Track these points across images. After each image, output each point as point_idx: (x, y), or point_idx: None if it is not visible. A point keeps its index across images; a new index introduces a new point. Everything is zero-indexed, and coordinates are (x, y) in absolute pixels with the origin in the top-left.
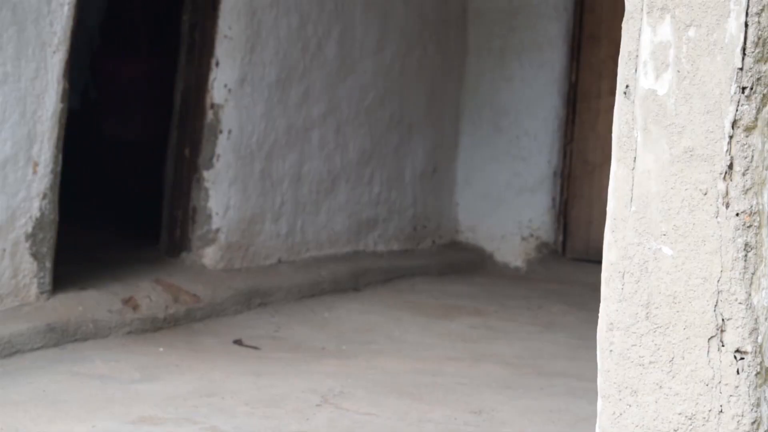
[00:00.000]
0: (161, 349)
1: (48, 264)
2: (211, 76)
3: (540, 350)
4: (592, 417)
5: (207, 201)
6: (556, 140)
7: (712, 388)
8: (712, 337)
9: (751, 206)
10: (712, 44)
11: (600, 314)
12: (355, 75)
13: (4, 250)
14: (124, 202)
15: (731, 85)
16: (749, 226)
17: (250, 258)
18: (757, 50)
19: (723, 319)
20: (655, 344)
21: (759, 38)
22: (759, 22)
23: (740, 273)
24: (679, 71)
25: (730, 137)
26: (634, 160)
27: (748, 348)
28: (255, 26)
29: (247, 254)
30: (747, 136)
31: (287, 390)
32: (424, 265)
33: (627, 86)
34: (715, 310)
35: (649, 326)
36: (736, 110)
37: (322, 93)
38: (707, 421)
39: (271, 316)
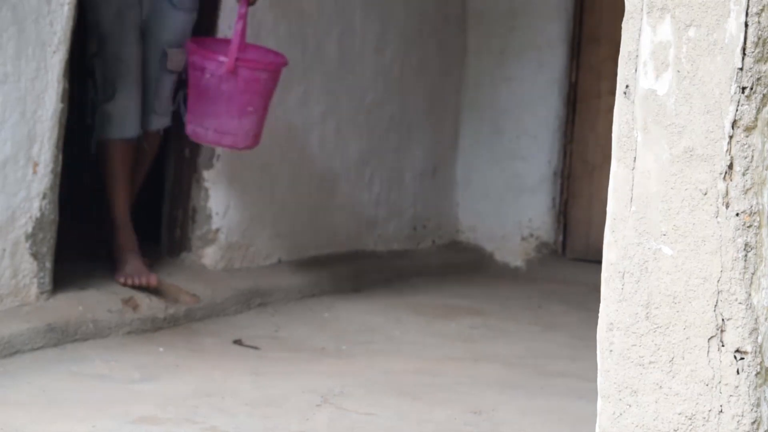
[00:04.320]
0: (161, 349)
1: (48, 264)
2: None
3: (540, 350)
4: (592, 417)
5: (207, 201)
6: (556, 140)
7: (712, 388)
8: (712, 337)
9: (751, 206)
10: (712, 44)
11: (600, 314)
12: (355, 75)
13: (4, 250)
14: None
15: (731, 85)
16: (749, 226)
17: (250, 258)
18: (757, 50)
19: (723, 319)
20: (655, 344)
21: (759, 38)
22: (759, 22)
23: (740, 273)
24: (679, 71)
25: (730, 137)
26: (634, 160)
27: (748, 348)
28: (255, 26)
29: (247, 254)
30: (747, 136)
31: (287, 390)
32: (424, 265)
33: (627, 86)
34: (715, 310)
35: (649, 326)
36: (736, 110)
37: (321, 93)
38: (707, 421)
39: (271, 316)
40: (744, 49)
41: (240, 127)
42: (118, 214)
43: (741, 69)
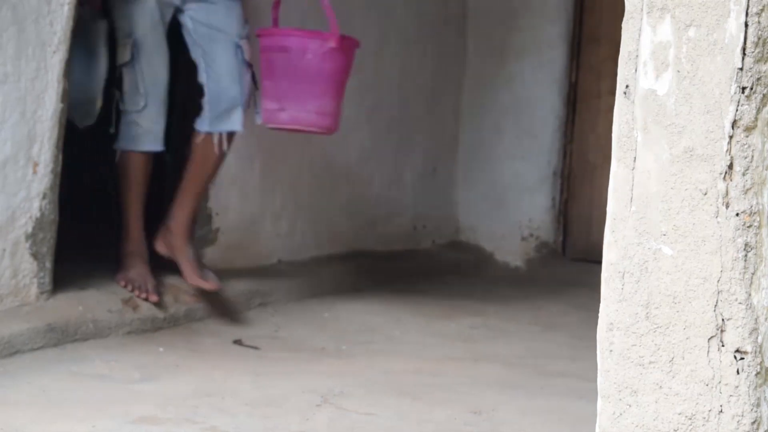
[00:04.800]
0: (161, 349)
1: (48, 264)
2: None
3: (540, 350)
4: (592, 417)
5: (207, 201)
6: (556, 140)
7: (712, 388)
8: (712, 337)
9: (751, 206)
10: (712, 44)
11: (600, 314)
12: (355, 75)
13: (4, 250)
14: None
15: (731, 85)
16: (749, 226)
17: (250, 258)
18: (757, 50)
19: (723, 319)
20: (655, 344)
21: (759, 38)
22: (759, 22)
23: (740, 273)
24: (679, 71)
25: (730, 137)
26: (634, 160)
27: (748, 348)
28: (255, 26)
29: (247, 254)
30: (747, 136)
31: (287, 390)
32: (424, 265)
33: (627, 86)
34: (715, 310)
35: (649, 326)
36: (736, 110)
37: None
38: (707, 421)
39: (271, 316)
40: (744, 49)
41: (336, 108)
42: (131, 224)
43: (741, 69)
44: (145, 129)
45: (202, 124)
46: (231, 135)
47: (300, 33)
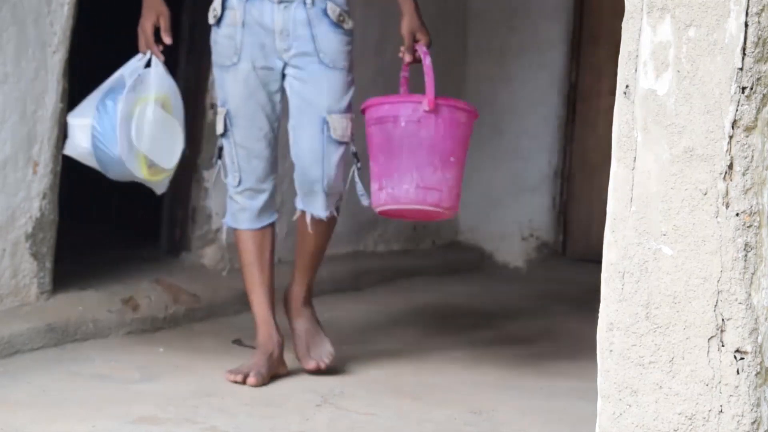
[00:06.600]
0: (161, 349)
1: (48, 264)
2: (211, 76)
3: (540, 350)
4: (592, 417)
5: (207, 201)
6: (556, 140)
7: (712, 388)
8: (712, 337)
9: (751, 206)
10: (712, 44)
11: (600, 314)
12: (355, 75)
13: (4, 250)
14: (123, 201)
15: (731, 85)
16: (749, 226)
17: None
18: (757, 50)
19: (723, 319)
20: (655, 344)
21: (759, 38)
22: (759, 22)
23: (740, 273)
24: (679, 71)
25: (730, 137)
26: (634, 160)
27: (748, 348)
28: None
29: None
30: (747, 136)
31: (287, 390)
32: (424, 265)
33: (627, 86)
34: (715, 310)
35: (649, 326)
36: (736, 110)
37: None
38: (707, 421)
39: None
40: (744, 49)
41: (444, 181)
42: (256, 310)
43: (741, 69)
44: (241, 206)
45: (296, 200)
46: (313, 220)
47: (391, 100)
